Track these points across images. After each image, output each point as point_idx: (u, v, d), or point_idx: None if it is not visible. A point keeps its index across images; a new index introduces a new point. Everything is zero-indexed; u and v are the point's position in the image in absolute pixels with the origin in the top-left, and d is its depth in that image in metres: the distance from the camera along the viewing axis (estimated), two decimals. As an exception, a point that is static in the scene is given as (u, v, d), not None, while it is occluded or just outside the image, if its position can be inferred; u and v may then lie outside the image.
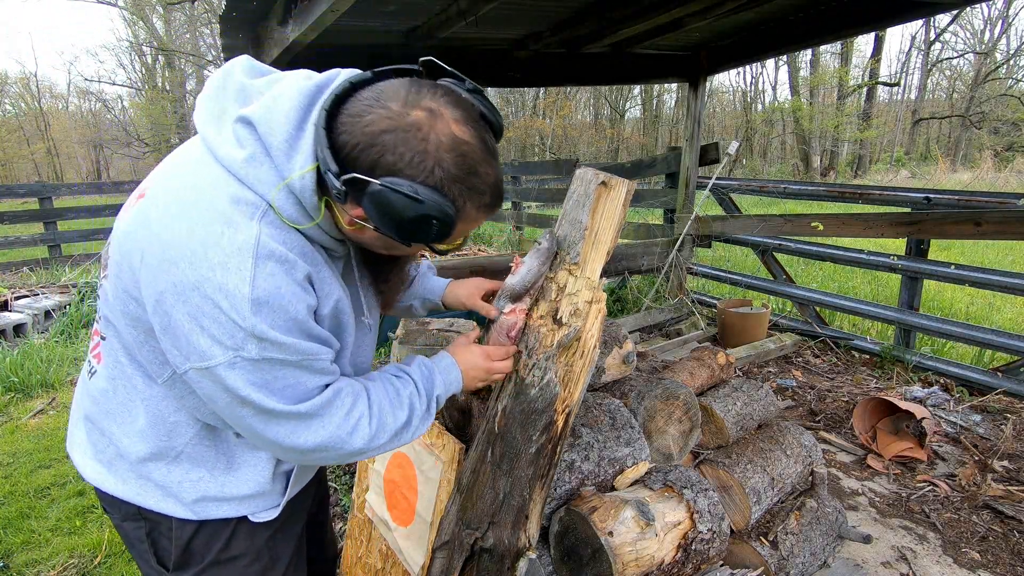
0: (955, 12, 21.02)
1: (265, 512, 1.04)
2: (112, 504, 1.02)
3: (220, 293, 0.76)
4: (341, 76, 0.87)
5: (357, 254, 1.02)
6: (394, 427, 0.98)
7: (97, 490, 1.04)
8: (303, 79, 0.87)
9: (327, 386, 0.91)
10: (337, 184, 0.78)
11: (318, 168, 0.82)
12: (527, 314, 1.22)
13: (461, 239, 0.93)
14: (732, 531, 1.72)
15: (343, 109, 0.81)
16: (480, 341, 1.22)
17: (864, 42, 25.02)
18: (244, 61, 0.93)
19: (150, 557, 1.02)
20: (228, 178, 0.81)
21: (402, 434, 1.00)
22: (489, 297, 1.27)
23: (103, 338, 0.97)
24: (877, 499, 2.67)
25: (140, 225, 0.83)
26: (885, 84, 25.82)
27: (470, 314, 2.31)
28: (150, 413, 0.94)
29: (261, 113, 0.82)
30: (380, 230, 0.83)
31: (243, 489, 1.00)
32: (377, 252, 0.99)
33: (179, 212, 0.79)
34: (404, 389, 1.02)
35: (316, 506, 1.34)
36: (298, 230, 0.85)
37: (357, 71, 0.88)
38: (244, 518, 1.03)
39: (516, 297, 1.20)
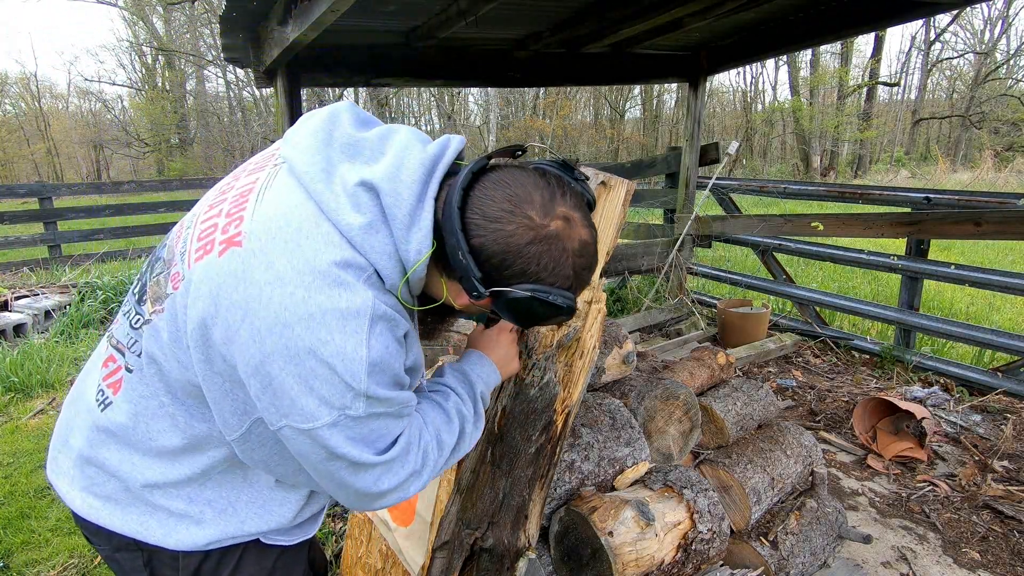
0: (955, 12, 21.02)
1: (279, 537, 1.02)
2: (99, 535, 0.97)
3: (338, 357, 0.76)
4: (452, 147, 0.88)
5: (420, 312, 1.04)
6: (451, 443, 0.97)
7: (82, 521, 0.98)
8: (419, 148, 0.87)
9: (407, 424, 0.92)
10: (483, 291, 0.82)
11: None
12: None
13: None
14: (732, 531, 1.72)
15: (472, 205, 0.82)
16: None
17: (864, 42, 25.01)
18: (350, 108, 0.93)
19: None
20: (341, 242, 0.80)
21: (459, 447, 0.99)
22: None
23: (129, 371, 0.91)
24: (877, 499, 2.67)
25: (244, 282, 0.78)
26: (885, 84, 25.82)
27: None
28: (190, 447, 0.91)
29: (386, 181, 0.82)
30: (497, 315, 0.90)
31: (263, 526, 0.98)
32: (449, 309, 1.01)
33: (293, 277, 0.77)
34: (447, 402, 1.01)
35: None
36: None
37: (462, 140, 0.90)
38: (255, 540, 1.00)
39: None
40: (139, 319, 0.91)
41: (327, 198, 0.81)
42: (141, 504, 0.93)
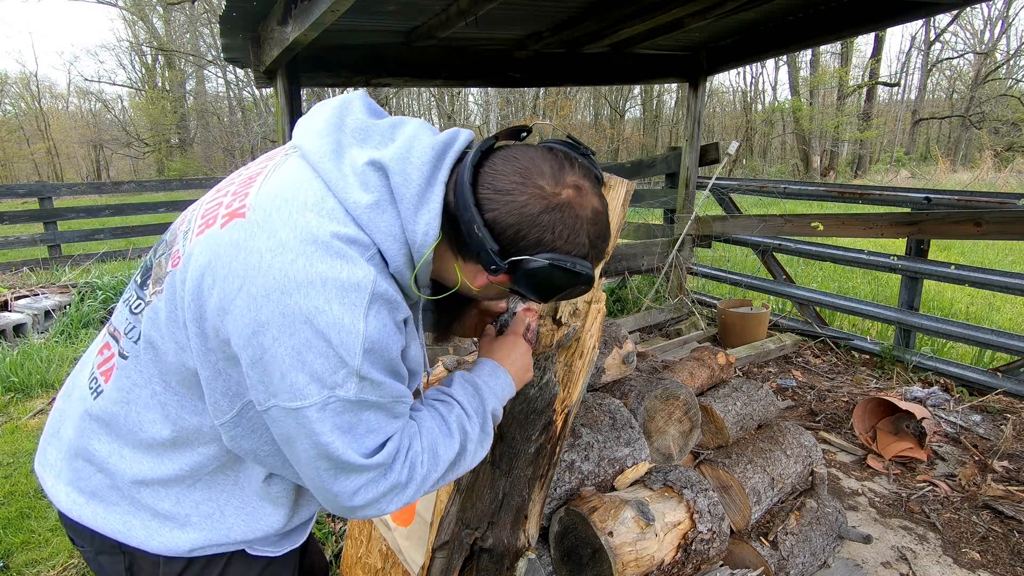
0: (955, 12, 21.02)
1: (266, 548, 1.00)
2: (83, 535, 0.95)
3: (334, 328, 0.74)
4: (462, 137, 0.88)
5: (430, 304, 1.02)
6: (448, 459, 0.92)
7: (66, 519, 0.96)
8: (429, 133, 0.88)
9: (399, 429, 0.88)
10: (500, 263, 0.82)
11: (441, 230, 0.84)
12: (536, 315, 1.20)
13: None
14: (732, 531, 1.72)
15: (483, 181, 0.83)
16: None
17: (864, 42, 25.02)
18: (363, 97, 0.93)
19: None
20: (346, 219, 0.80)
21: (458, 464, 0.94)
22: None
23: (123, 357, 0.91)
24: (877, 499, 2.67)
25: (244, 251, 0.78)
26: (885, 84, 25.82)
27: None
28: (178, 441, 0.89)
29: (395, 161, 0.82)
30: (517, 291, 0.88)
31: (249, 534, 0.95)
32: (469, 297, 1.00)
33: (295, 246, 0.76)
34: (449, 414, 0.95)
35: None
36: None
37: (471, 134, 0.90)
38: (241, 550, 0.98)
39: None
40: (139, 303, 0.90)
41: (335, 176, 0.81)
42: (126, 503, 0.92)
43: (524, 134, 0.94)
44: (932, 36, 24.94)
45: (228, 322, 0.77)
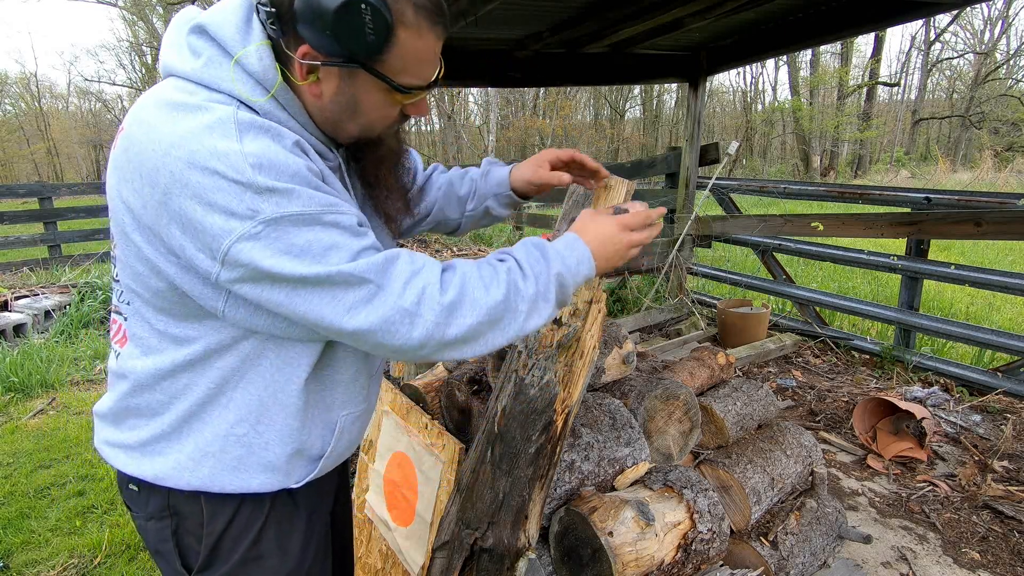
0: (955, 12, 21.02)
1: (305, 478, 1.00)
2: (137, 500, 0.98)
3: (214, 158, 0.75)
4: None
5: (350, 167, 1.00)
6: (487, 304, 0.85)
7: (123, 488, 1.00)
8: None
9: (377, 250, 0.84)
10: (267, 7, 0.81)
11: (272, 46, 0.84)
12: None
13: (430, 72, 0.90)
14: (732, 531, 1.72)
15: None
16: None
17: (864, 42, 25.04)
18: (191, 8, 0.95)
19: (174, 559, 0.98)
20: (196, 88, 0.83)
21: (504, 320, 0.87)
22: (559, 166, 1.17)
23: (125, 318, 0.95)
24: (877, 499, 2.67)
25: (127, 151, 0.82)
26: (885, 84, 25.83)
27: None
28: (199, 359, 0.90)
29: (209, 15, 0.85)
30: (324, 59, 0.82)
31: (286, 447, 0.95)
32: (356, 139, 0.96)
33: (159, 119, 0.80)
34: (500, 265, 0.90)
35: (340, 506, 1.26)
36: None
37: None
38: (275, 508, 0.99)
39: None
40: (113, 267, 0.94)
41: (173, 60, 0.85)
42: (177, 442, 0.94)
43: None
44: (932, 36, 24.96)
45: (149, 213, 0.80)
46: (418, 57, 0.87)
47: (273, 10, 0.81)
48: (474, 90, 24.67)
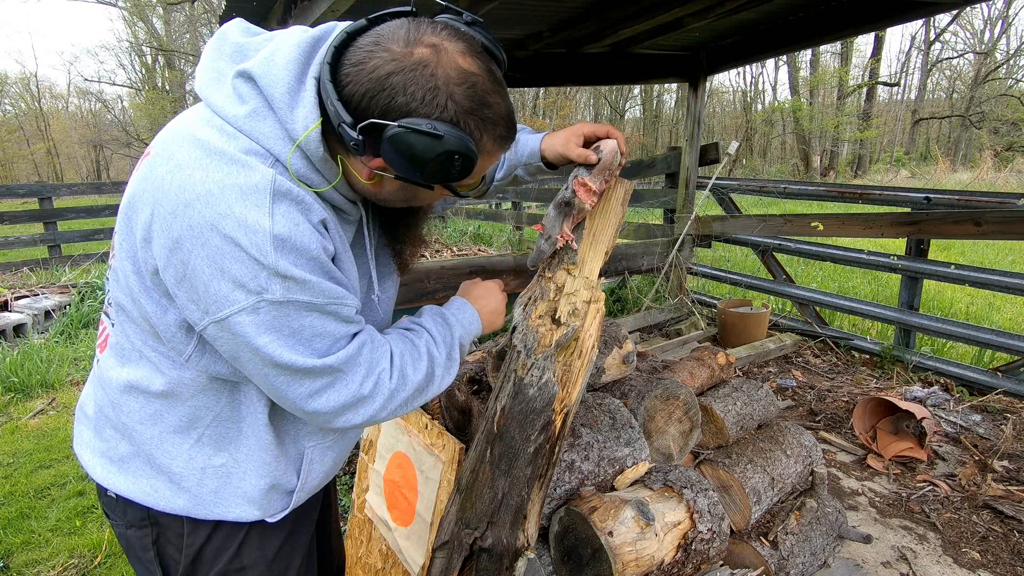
0: (955, 12, 21.02)
1: (280, 512, 1.01)
2: (116, 509, 0.98)
3: (240, 230, 0.74)
4: (338, 28, 0.85)
5: (371, 218, 1.00)
6: (416, 381, 0.94)
7: (102, 494, 1.00)
8: (300, 32, 0.86)
9: (354, 336, 0.88)
10: (353, 134, 0.77)
11: (325, 123, 0.81)
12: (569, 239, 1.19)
13: (480, 177, 0.92)
14: (732, 531, 1.72)
15: (344, 60, 0.80)
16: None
17: (864, 42, 25.04)
18: (238, 22, 0.91)
19: (155, 568, 0.98)
20: (235, 132, 0.80)
21: (426, 389, 0.96)
22: (587, 144, 1.18)
23: (112, 324, 0.94)
24: (877, 499, 2.67)
25: (149, 181, 0.80)
26: (885, 84, 25.83)
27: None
28: (170, 392, 0.91)
29: (260, 66, 0.81)
30: (401, 176, 0.82)
31: (261, 480, 0.96)
32: (395, 207, 0.96)
33: (191, 161, 0.78)
34: (419, 339, 0.98)
35: (321, 512, 1.29)
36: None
37: (352, 22, 0.86)
38: (257, 523, 0.99)
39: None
40: (107, 274, 0.95)
41: (215, 98, 0.82)
42: (148, 467, 0.94)
43: (411, 8, 0.86)
44: (932, 36, 24.95)
45: (152, 251, 0.79)
46: (484, 168, 0.89)
47: (360, 138, 0.78)
48: (474, 90, 24.64)
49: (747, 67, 26.15)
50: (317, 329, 0.82)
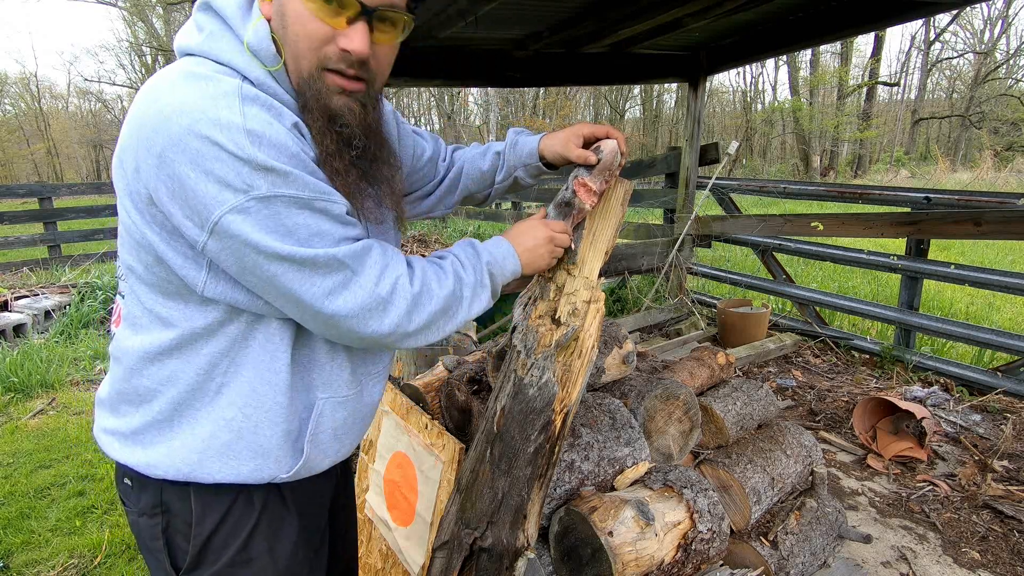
0: (955, 12, 21.03)
1: (290, 469, 0.99)
2: (130, 495, 0.99)
3: (215, 127, 0.77)
4: None
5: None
6: (442, 295, 0.94)
7: (119, 481, 1.00)
8: None
9: (357, 240, 0.89)
10: None
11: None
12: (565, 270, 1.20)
13: None
14: (732, 531, 1.72)
15: None
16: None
17: (864, 42, 25.05)
18: None
19: (163, 558, 0.98)
20: (201, 60, 0.86)
21: (454, 309, 0.96)
22: (587, 144, 1.18)
23: (123, 297, 0.96)
24: (877, 499, 2.67)
25: (132, 119, 0.84)
26: (885, 84, 25.83)
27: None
28: (184, 344, 0.91)
29: None
30: None
31: (275, 428, 0.95)
32: (309, 85, 0.94)
33: (164, 87, 0.82)
34: (444, 260, 1.00)
35: (334, 509, 1.24)
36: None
37: None
38: (266, 512, 0.99)
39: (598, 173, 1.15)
40: (116, 246, 1.00)
41: (181, 39, 0.90)
42: (163, 436, 0.94)
43: None
44: (932, 36, 24.96)
45: (142, 178, 0.81)
46: None
47: None
48: (474, 90, 24.67)
49: (747, 67, 26.16)
50: (312, 228, 0.83)
